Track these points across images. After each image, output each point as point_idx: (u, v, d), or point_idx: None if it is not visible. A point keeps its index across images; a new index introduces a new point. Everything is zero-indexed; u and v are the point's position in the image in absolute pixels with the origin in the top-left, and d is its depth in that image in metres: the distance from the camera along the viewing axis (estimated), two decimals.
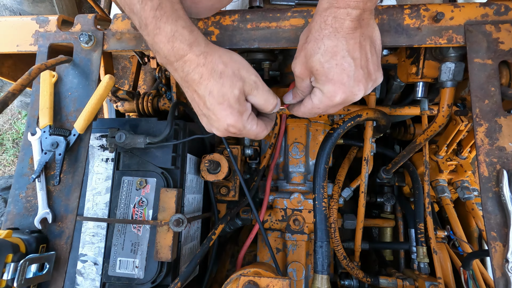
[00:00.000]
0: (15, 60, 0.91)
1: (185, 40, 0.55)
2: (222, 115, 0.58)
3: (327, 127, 1.12)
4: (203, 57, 0.56)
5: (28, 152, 0.68)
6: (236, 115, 0.58)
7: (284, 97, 0.69)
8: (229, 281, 0.74)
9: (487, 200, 0.58)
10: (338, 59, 0.54)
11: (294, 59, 0.61)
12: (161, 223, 0.78)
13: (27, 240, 0.59)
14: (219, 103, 0.57)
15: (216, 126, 0.61)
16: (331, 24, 0.53)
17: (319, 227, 0.82)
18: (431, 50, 0.74)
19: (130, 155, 0.86)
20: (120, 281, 0.79)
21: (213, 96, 0.57)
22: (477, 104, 0.61)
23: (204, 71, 0.56)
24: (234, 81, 0.57)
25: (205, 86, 0.57)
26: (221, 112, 0.58)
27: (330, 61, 0.54)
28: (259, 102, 0.62)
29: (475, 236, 1.17)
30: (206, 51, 0.57)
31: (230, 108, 0.58)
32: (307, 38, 0.58)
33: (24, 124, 2.84)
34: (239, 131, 0.61)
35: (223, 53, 0.59)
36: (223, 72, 0.57)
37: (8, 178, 1.56)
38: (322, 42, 0.54)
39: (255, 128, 0.62)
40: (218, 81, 0.57)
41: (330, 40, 0.54)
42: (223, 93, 0.57)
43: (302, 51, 0.58)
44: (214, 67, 0.57)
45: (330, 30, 0.54)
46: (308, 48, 0.57)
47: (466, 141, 1.09)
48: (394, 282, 0.98)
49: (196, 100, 0.60)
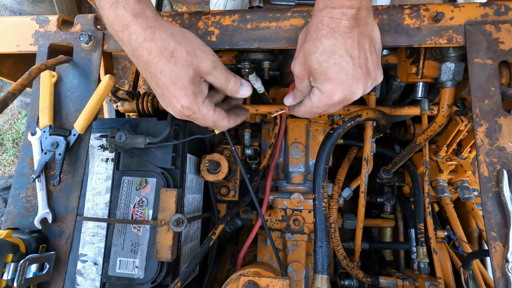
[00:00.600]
0: (15, 60, 0.91)
1: (129, 9, 0.52)
2: (175, 95, 0.56)
3: (327, 127, 1.12)
4: (151, 32, 0.53)
5: (28, 152, 0.68)
6: (190, 97, 0.56)
7: (284, 99, 0.69)
8: (229, 281, 0.74)
9: (487, 200, 0.58)
10: (336, 58, 0.54)
11: (294, 59, 0.61)
12: (161, 223, 0.78)
13: (27, 240, 0.59)
14: (172, 83, 0.55)
15: (171, 106, 0.59)
16: (328, 24, 0.53)
17: (319, 227, 0.82)
18: (431, 50, 0.74)
19: (130, 155, 0.86)
20: (120, 281, 0.79)
21: (165, 75, 0.54)
22: (477, 104, 0.61)
23: (153, 48, 0.53)
24: (188, 61, 0.55)
25: (155, 64, 0.54)
26: (174, 92, 0.55)
27: (328, 60, 0.54)
28: (218, 81, 0.59)
29: (475, 236, 1.17)
30: (154, 25, 0.54)
31: (184, 88, 0.55)
32: (306, 38, 0.58)
33: (24, 124, 2.84)
34: (193, 114, 0.58)
35: (176, 31, 0.57)
36: (175, 51, 0.54)
37: (8, 178, 1.56)
38: (320, 41, 0.54)
39: (212, 113, 0.60)
40: (170, 59, 0.54)
41: (328, 39, 0.54)
42: (176, 73, 0.54)
43: (301, 51, 0.58)
44: (164, 44, 0.54)
45: (327, 30, 0.53)
46: (306, 48, 0.57)
47: (466, 141, 1.09)
48: (394, 282, 0.98)
49: (148, 78, 0.57)
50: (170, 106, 0.59)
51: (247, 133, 1.11)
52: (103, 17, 0.54)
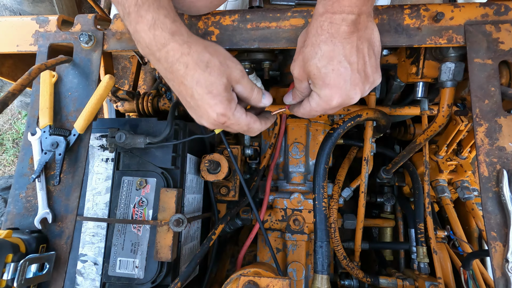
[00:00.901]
0: (15, 60, 0.91)
1: (166, 29, 0.55)
2: (211, 104, 0.57)
3: (327, 127, 1.12)
4: (187, 47, 0.56)
5: (28, 152, 0.68)
6: (225, 103, 0.58)
7: (284, 97, 0.69)
8: (229, 281, 0.74)
9: (487, 200, 0.58)
10: (335, 64, 0.54)
11: (293, 61, 0.61)
12: (161, 223, 0.78)
13: (27, 240, 0.59)
14: (208, 92, 0.56)
15: (205, 117, 0.60)
16: (327, 30, 0.53)
17: (319, 227, 0.82)
18: (431, 50, 0.74)
19: (130, 155, 0.86)
20: (120, 281, 0.79)
21: (200, 85, 0.56)
22: (477, 104, 0.61)
23: (190, 61, 0.56)
24: (221, 70, 0.57)
25: (192, 76, 0.56)
26: (209, 101, 0.57)
27: (327, 66, 0.55)
28: (245, 90, 0.61)
29: (475, 236, 1.17)
30: (189, 41, 0.57)
31: (219, 96, 0.57)
32: (305, 42, 0.58)
33: (24, 124, 2.84)
34: (228, 120, 0.59)
35: (208, 44, 0.59)
36: (210, 62, 0.56)
37: (8, 178, 1.56)
38: (319, 47, 0.55)
39: (245, 117, 0.61)
40: (205, 70, 0.56)
41: (327, 45, 0.54)
42: (211, 82, 0.56)
43: (300, 55, 0.59)
44: (199, 56, 0.56)
45: (327, 35, 0.54)
46: (305, 52, 0.57)
47: (466, 141, 1.09)
48: (394, 282, 0.98)
49: (183, 92, 0.59)
50: (205, 117, 0.60)
51: None
52: (139, 40, 0.56)
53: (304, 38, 0.59)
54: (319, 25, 0.54)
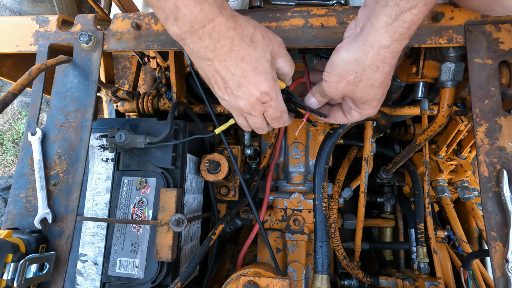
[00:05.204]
0: (15, 60, 0.91)
1: (213, 2, 0.50)
2: (255, 81, 0.54)
3: (327, 127, 1.12)
4: (233, 20, 0.52)
5: (28, 152, 0.68)
6: (270, 81, 0.55)
7: (307, 100, 0.67)
8: (229, 281, 0.74)
9: (487, 200, 0.58)
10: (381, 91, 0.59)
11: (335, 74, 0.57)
12: (161, 223, 0.78)
13: (27, 240, 0.59)
14: (253, 68, 0.53)
15: (246, 96, 0.56)
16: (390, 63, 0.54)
17: (319, 227, 0.82)
18: (431, 50, 0.74)
19: (130, 155, 0.86)
20: (120, 281, 0.79)
21: (246, 61, 0.53)
22: (477, 104, 0.61)
23: (235, 36, 0.52)
24: (264, 44, 0.54)
25: (237, 52, 0.53)
26: (254, 78, 0.54)
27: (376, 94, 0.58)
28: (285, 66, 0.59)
29: (475, 236, 1.17)
30: (234, 14, 0.53)
31: (265, 73, 0.54)
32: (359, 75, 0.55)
33: (24, 124, 2.84)
34: (270, 100, 0.57)
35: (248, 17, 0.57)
36: (254, 36, 0.54)
37: (8, 178, 1.56)
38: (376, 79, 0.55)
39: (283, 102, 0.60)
40: (250, 45, 0.53)
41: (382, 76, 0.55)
42: (257, 58, 0.53)
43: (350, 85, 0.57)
44: (244, 31, 0.53)
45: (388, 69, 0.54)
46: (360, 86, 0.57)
47: (466, 141, 1.09)
48: (394, 282, 0.98)
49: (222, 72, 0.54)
50: (245, 96, 0.56)
51: (247, 133, 1.11)
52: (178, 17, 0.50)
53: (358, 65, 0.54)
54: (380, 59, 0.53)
